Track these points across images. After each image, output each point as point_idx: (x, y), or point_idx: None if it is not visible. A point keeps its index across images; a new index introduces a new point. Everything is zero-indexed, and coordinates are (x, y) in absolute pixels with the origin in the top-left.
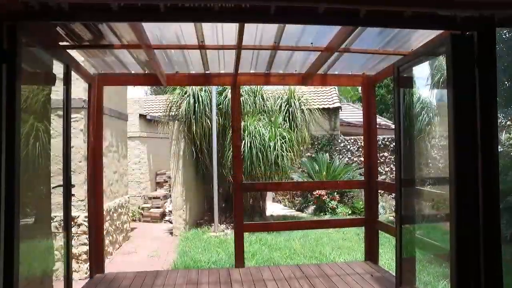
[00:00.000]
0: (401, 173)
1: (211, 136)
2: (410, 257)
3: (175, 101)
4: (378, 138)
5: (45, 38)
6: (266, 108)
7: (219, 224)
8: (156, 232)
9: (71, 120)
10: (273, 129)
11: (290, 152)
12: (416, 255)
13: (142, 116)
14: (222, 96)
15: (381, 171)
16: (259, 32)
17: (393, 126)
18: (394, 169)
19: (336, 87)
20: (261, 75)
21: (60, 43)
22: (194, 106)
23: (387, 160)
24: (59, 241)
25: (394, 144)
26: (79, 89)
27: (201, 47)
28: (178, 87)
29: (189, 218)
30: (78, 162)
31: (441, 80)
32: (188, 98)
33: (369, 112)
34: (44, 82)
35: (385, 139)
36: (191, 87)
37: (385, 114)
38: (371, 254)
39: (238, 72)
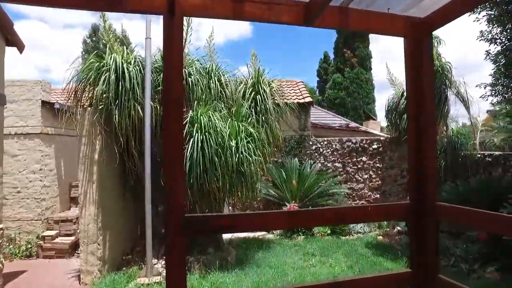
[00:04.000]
0: None
1: (143, 132)
2: None
3: (87, 78)
4: (355, 141)
5: None
6: (224, 94)
7: (154, 262)
8: (56, 276)
9: None
10: (235, 122)
11: (259, 156)
12: None
13: (47, 105)
14: (162, 76)
15: (359, 178)
16: None
17: (363, 128)
18: (374, 176)
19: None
20: None
21: None
22: (117, 86)
23: (365, 165)
24: None
25: (375, 147)
26: None
27: None
28: (92, 55)
29: (108, 254)
30: None
31: None
32: (107, 74)
33: (421, 84)
34: None
35: (363, 142)
36: (111, 56)
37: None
38: None
39: None
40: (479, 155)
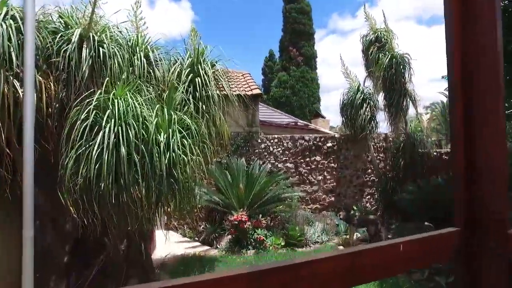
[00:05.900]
0: None
1: (23, 119)
2: None
3: None
4: (308, 139)
5: None
6: (154, 75)
7: None
8: None
9: None
10: (165, 110)
11: (199, 155)
12: None
13: None
14: (63, 43)
15: (312, 180)
16: None
17: (312, 126)
18: (328, 177)
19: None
20: None
21: None
22: None
23: (319, 165)
24: None
25: (329, 145)
26: None
27: None
28: None
29: None
30: None
31: None
32: None
33: (473, 33)
34: None
35: (317, 139)
36: None
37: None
38: None
39: None
40: (436, 153)
